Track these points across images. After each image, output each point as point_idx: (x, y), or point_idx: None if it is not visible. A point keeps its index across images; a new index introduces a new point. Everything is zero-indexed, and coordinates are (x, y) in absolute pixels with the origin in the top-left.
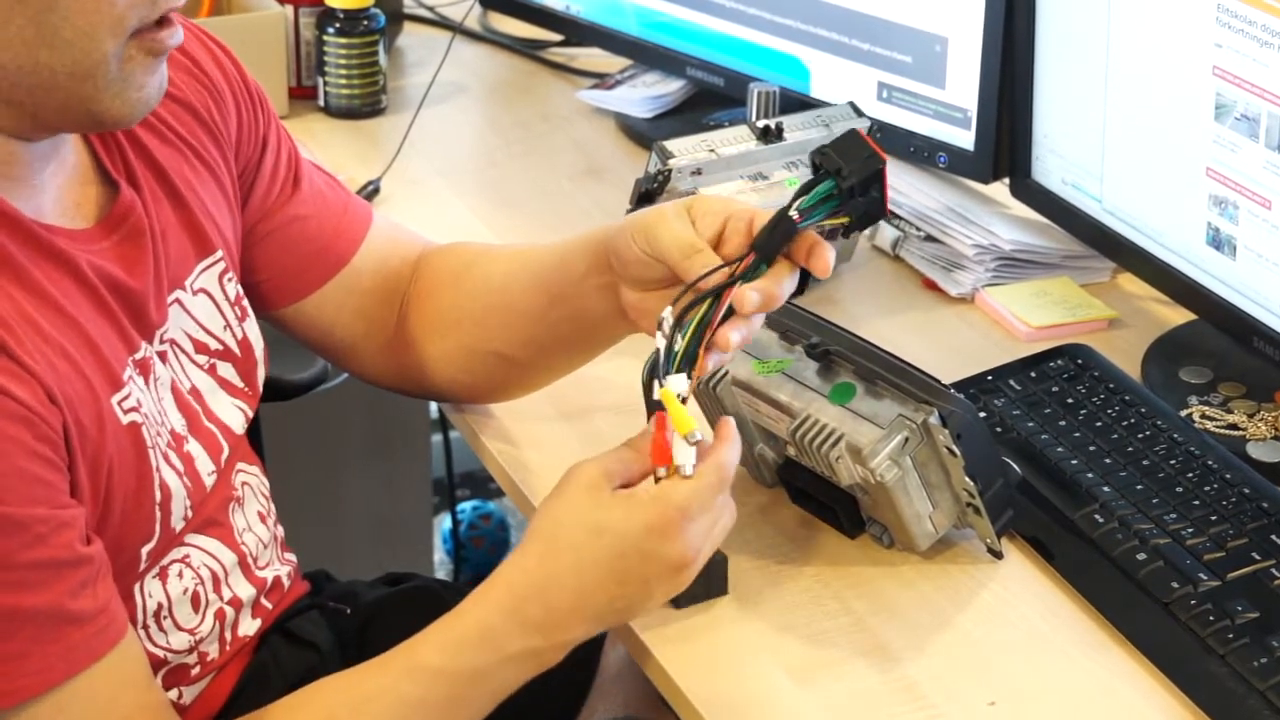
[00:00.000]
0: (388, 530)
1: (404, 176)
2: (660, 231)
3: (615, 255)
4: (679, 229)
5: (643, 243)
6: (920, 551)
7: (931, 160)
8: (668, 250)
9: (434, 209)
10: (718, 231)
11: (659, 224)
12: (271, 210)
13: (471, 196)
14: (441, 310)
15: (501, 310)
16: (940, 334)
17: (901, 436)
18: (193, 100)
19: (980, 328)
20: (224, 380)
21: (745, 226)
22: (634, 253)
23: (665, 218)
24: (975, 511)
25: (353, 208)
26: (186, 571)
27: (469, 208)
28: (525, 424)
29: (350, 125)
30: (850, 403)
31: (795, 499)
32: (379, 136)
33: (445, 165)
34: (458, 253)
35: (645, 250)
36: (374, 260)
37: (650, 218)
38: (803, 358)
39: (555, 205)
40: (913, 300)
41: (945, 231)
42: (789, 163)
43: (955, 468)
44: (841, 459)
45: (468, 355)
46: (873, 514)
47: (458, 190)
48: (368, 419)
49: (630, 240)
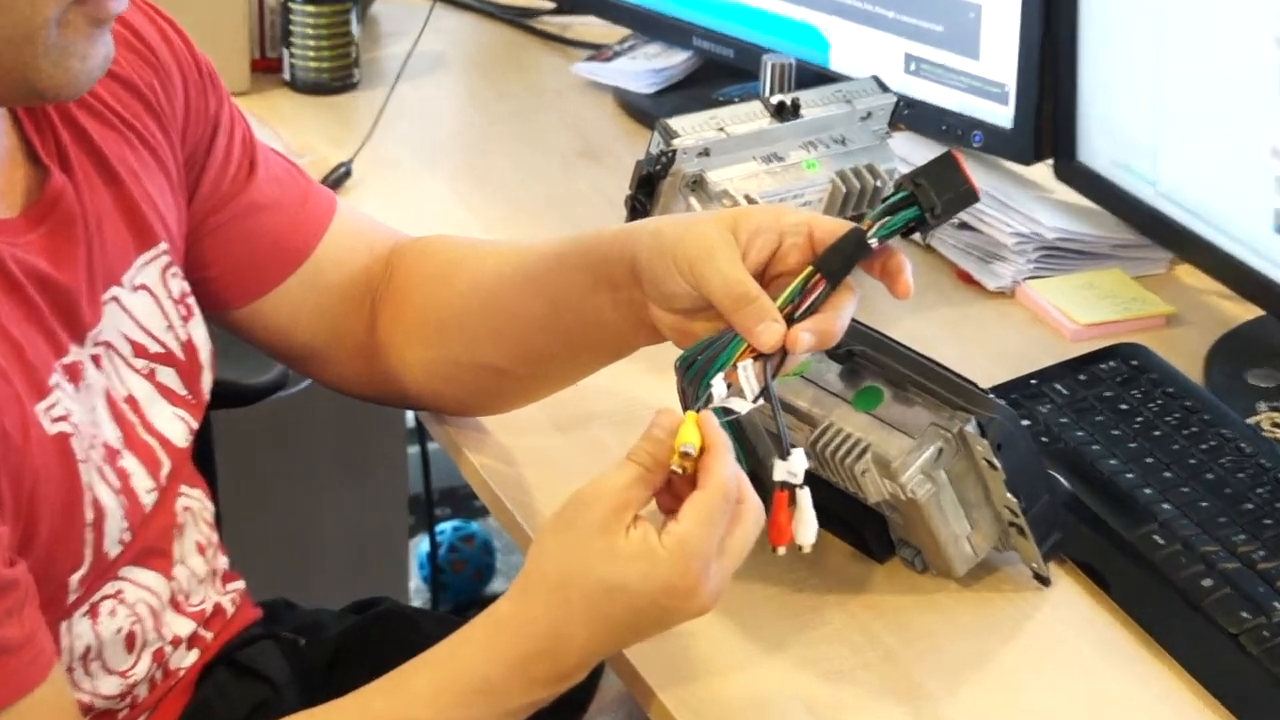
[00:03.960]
0: (357, 553)
1: (378, 158)
2: (708, 272)
3: (649, 280)
4: (729, 271)
5: (689, 278)
6: (957, 577)
7: (966, 140)
8: (718, 297)
9: (411, 194)
10: (773, 250)
11: (705, 261)
12: (223, 200)
13: (453, 181)
14: (420, 314)
15: (493, 318)
16: (977, 333)
17: (935, 447)
18: (135, 78)
19: (1022, 325)
20: (165, 387)
21: (804, 241)
22: (676, 285)
23: (713, 254)
24: (1019, 532)
25: (314, 196)
26: (120, 609)
27: (451, 193)
28: (514, 435)
29: (319, 101)
30: (877, 410)
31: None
32: (351, 114)
33: (424, 146)
34: (438, 248)
35: (693, 286)
36: (338, 254)
37: (694, 249)
38: (824, 359)
39: (547, 191)
40: (946, 295)
41: (982, 219)
42: (806, 142)
43: (995, 482)
44: (868, 473)
45: (452, 366)
46: (903, 535)
47: (438, 174)
48: (334, 428)
49: (671, 270)
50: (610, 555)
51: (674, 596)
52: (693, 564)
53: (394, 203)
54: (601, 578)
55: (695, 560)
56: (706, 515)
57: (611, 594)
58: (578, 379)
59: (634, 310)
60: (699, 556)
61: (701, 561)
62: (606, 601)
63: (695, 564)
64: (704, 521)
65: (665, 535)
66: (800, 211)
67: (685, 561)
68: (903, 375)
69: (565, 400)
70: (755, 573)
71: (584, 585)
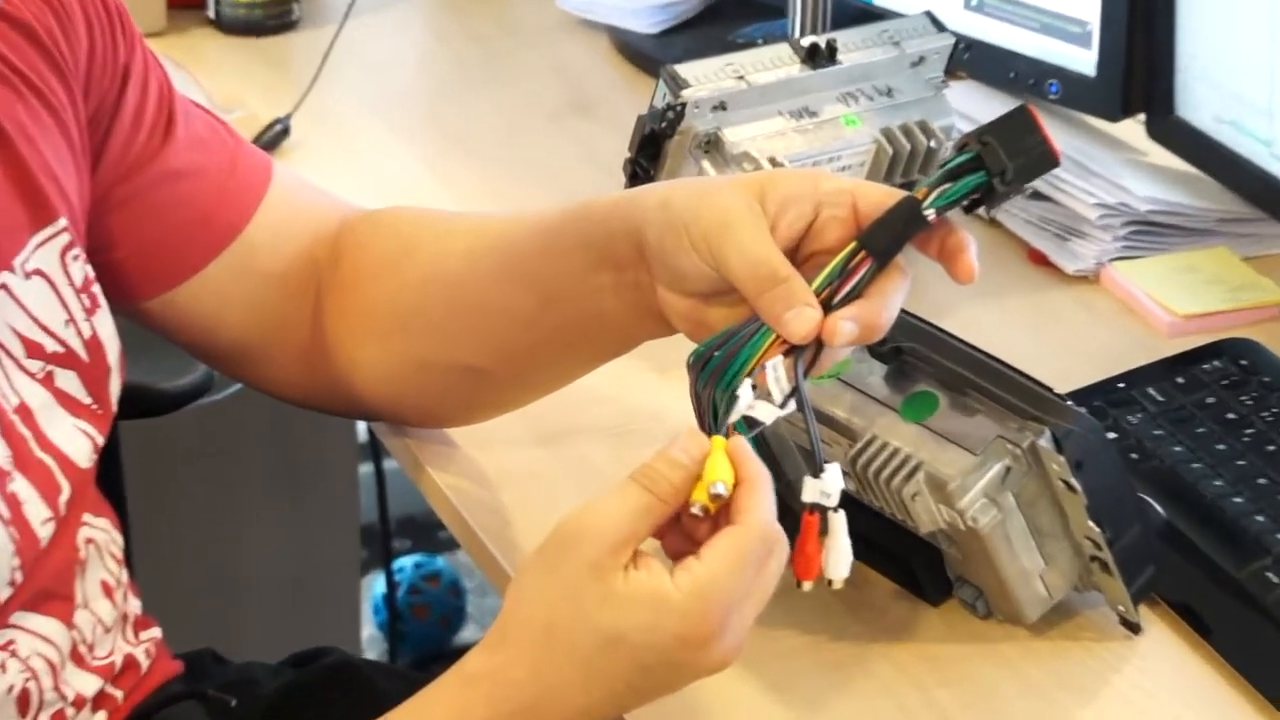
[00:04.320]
0: (297, 595)
1: (323, 113)
2: (727, 248)
3: (657, 258)
4: (753, 246)
5: (706, 255)
6: (1028, 624)
7: (1040, 91)
8: (740, 277)
9: (364, 158)
10: (809, 223)
11: (724, 235)
12: (134, 166)
13: (415, 141)
14: (376, 304)
15: (467, 308)
16: (1052, 325)
17: (1001, 466)
18: (30, 19)
19: (1107, 317)
20: (64, 394)
21: (846, 212)
22: (690, 263)
23: (734, 226)
24: (1102, 568)
25: (245, 162)
26: (11, 663)
27: (412, 156)
28: (489, 450)
29: (251, 44)
30: (931, 420)
31: (857, 553)
32: (289, 59)
33: (379, 98)
34: (398, 223)
35: (710, 265)
36: (275, 232)
37: (711, 220)
38: (866, 358)
39: (529, 152)
40: (1015, 279)
41: (1059, 187)
42: (844, 94)
43: (1075, 508)
44: (919, 497)
45: (416, 367)
46: (962, 572)
47: (396, 132)
48: (270, 442)
49: (684, 245)
50: (608, 600)
51: (687, 649)
52: (713, 611)
53: (342, 168)
54: (597, 627)
55: (716, 608)
56: (738, 559)
57: (610, 647)
58: (569, 380)
59: (639, 295)
60: (721, 605)
61: (723, 609)
62: (603, 656)
63: (716, 612)
64: (734, 566)
65: (681, 574)
66: (841, 178)
67: (704, 608)
68: (962, 378)
69: (550, 408)
70: (783, 618)
71: (575, 636)
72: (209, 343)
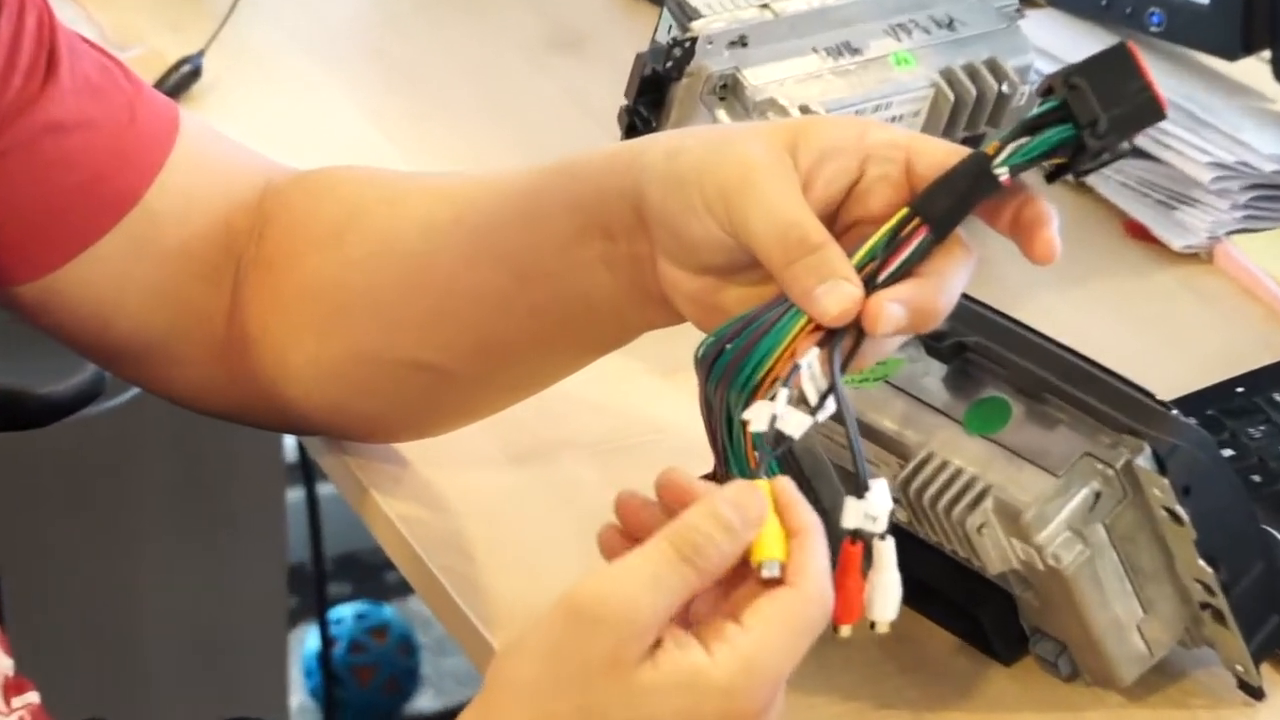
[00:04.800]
0: (211, 652)
1: (242, 51)
2: (749, 208)
3: (659, 223)
4: (780, 206)
5: (722, 218)
6: (1123, 687)
7: (1140, 23)
8: (764, 246)
9: (293, 105)
10: (851, 182)
11: (745, 192)
12: (5, 117)
13: (357, 85)
14: (310, 287)
15: (424, 293)
16: (1155, 315)
17: (1089, 491)
18: None
19: (1223, 304)
20: None
21: (898, 171)
22: (704, 229)
23: (759, 183)
24: (1216, 618)
25: (146, 111)
26: None
27: (354, 104)
28: (449, 471)
29: None
30: (1001, 433)
31: (909, 599)
32: None
33: (312, 31)
34: (337, 186)
35: (726, 231)
36: (183, 198)
37: (729, 174)
38: (921, 356)
39: (504, 99)
40: (1108, 258)
41: (1164, 142)
42: (894, 26)
43: (1181, 543)
44: (987, 529)
45: (361, 366)
46: (1040, 623)
47: (333, 75)
48: (176, 461)
49: (695, 205)
50: (633, 697)
51: None
52: (761, 690)
53: (267, 118)
54: None
55: (766, 685)
56: (790, 629)
57: None
58: (549, 382)
59: (637, 272)
60: (771, 681)
61: (773, 686)
62: None
63: (765, 690)
64: (786, 638)
65: (721, 648)
66: (895, 129)
67: (750, 685)
68: (1040, 380)
69: (527, 418)
70: (820, 681)
71: None
72: (100, 337)
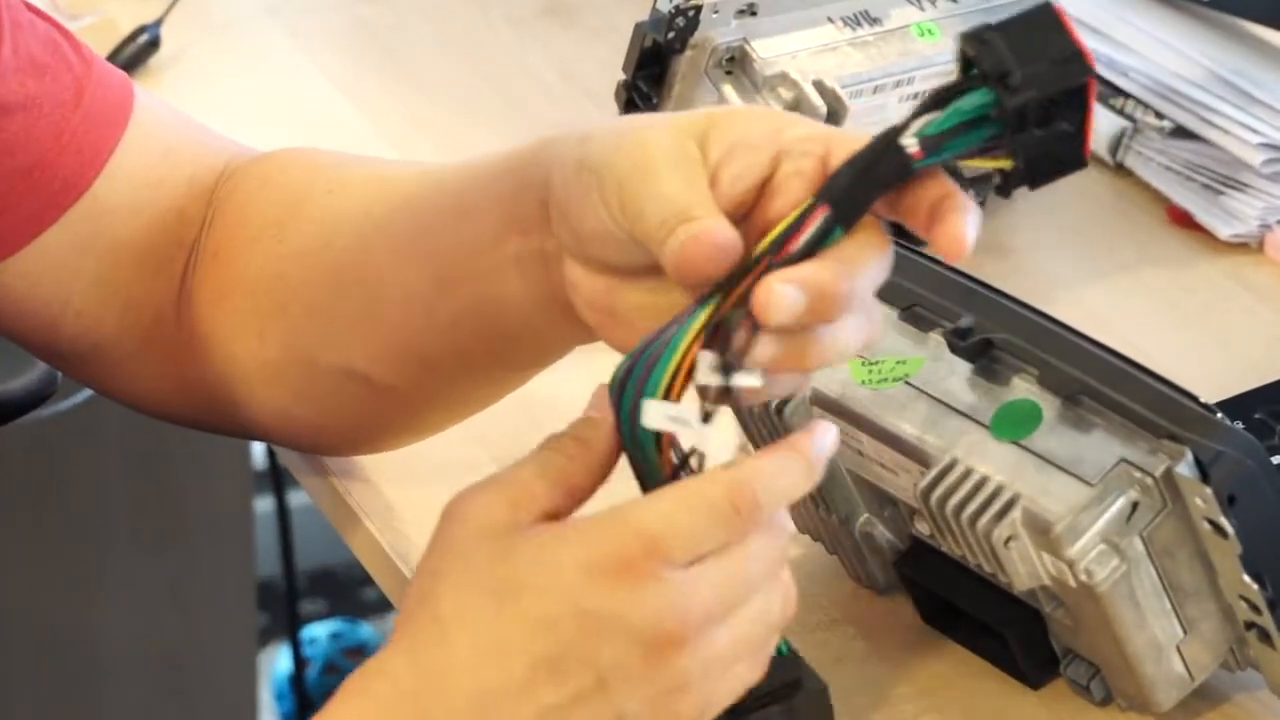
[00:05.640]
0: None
1: (204, 18)
2: (645, 198)
3: (561, 213)
4: (677, 194)
5: (616, 210)
6: (1161, 712)
7: None
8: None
9: (259, 79)
10: (762, 178)
11: (645, 184)
12: None
13: (332, 56)
14: (252, 279)
15: (355, 294)
16: (1199, 310)
17: (1126, 500)
18: None
19: (1274, 298)
20: None
21: (814, 165)
22: (598, 221)
23: (658, 171)
24: (1262, 638)
25: (97, 89)
26: None
27: (326, 77)
28: (431, 481)
29: None
30: (1033, 438)
31: (930, 617)
32: None
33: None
34: (289, 169)
35: (619, 223)
36: (136, 185)
37: (628, 160)
38: (943, 355)
39: (489, 72)
40: (1149, 247)
41: (1210, 121)
42: None
43: (1225, 557)
44: (1015, 542)
45: (301, 370)
46: (1072, 644)
47: (302, 45)
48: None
49: (593, 197)
50: (501, 555)
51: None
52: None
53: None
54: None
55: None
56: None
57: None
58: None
59: (546, 272)
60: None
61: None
62: (496, 622)
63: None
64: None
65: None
66: (815, 124)
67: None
68: (1073, 381)
69: (516, 422)
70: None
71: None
72: (48, 335)
